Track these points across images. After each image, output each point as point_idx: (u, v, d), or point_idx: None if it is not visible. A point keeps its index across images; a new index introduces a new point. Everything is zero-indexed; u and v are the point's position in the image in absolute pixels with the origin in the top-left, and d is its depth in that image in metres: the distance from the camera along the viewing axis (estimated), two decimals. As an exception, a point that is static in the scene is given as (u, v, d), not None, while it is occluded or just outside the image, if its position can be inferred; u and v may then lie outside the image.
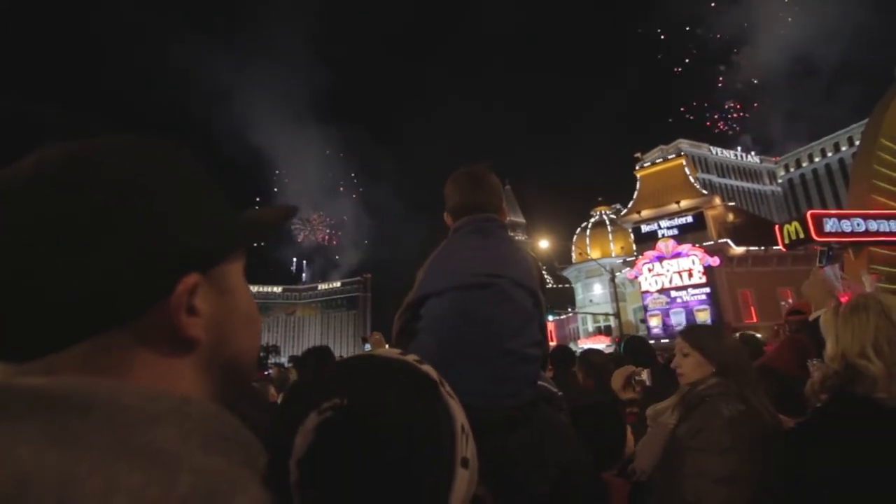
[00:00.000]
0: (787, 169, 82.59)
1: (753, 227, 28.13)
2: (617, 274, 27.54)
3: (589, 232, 38.44)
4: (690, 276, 26.31)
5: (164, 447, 0.34)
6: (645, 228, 29.63)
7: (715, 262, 25.53)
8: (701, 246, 26.31)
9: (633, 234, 30.88)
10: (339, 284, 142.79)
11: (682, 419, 1.69)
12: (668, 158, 31.87)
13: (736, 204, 37.81)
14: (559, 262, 40.28)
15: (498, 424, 1.18)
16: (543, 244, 27.99)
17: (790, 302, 21.15)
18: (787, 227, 13.12)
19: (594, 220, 39.17)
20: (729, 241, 26.41)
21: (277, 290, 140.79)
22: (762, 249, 25.99)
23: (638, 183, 31.44)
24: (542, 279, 1.46)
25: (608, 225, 37.78)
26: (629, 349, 3.56)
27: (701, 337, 1.83)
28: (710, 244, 26.36)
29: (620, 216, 33.52)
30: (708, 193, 29.78)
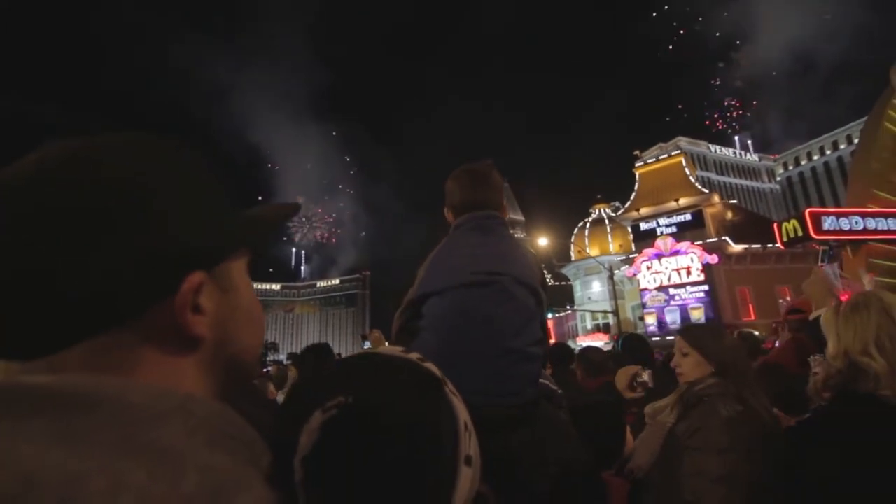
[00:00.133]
0: (785, 167, 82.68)
1: (752, 224, 28.15)
2: (616, 271, 27.56)
3: (588, 229, 38.48)
4: (689, 273, 26.35)
5: (169, 445, 0.34)
6: (644, 226, 29.66)
7: (713, 259, 25.57)
8: (699, 244, 26.34)
9: (631, 231, 30.90)
10: (337, 282, 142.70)
11: (680, 418, 1.70)
12: (667, 156, 31.88)
13: (735, 202, 37.82)
14: (558, 259, 40.36)
15: (499, 423, 1.17)
16: (542, 242, 28.02)
17: (788, 300, 21.23)
18: (785, 225, 13.13)
19: (593, 217, 39.22)
20: (727, 238, 26.44)
21: (276, 287, 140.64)
22: (760, 247, 26.03)
23: (637, 181, 31.45)
24: (543, 277, 1.46)
25: (607, 222, 37.83)
26: (627, 347, 3.57)
27: (700, 336, 1.82)
28: (708, 242, 26.40)
29: (619, 214, 33.58)
30: (707, 191, 29.78)
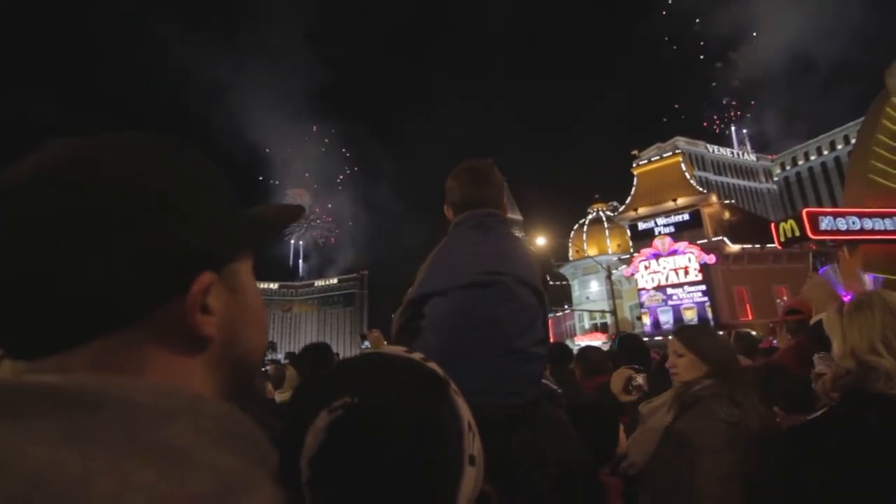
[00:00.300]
0: (783, 167, 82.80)
1: (749, 224, 28.25)
2: (613, 271, 27.63)
3: (586, 229, 38.53)
4: (686, 273, 26.42)
5: (176, 445, 0.34)
6: (642, 226, 29.70)
7: (711, 259, 25.64)
8: (697, 243, 26.40)
9: (629, 231, 30.93)
10: (335, 281, 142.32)
11: (677, 418, 1.71)
12: (665, 156, 31.93)
13: (732, 202, 37.93)
14: (556, 259, 40.35)
15: (499, 423, 1.17)
16: (540, 241, 28.03)
17: (785, 299, 21.26)
18: (782, 225, 13.18)
19: (591, 217, 39.27)
20: (725, 238, 26.51)
21: (274, 286, 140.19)
22: (758, 247, 26.11)
23: (635, 180, 31.49)
24: (544, 275, 1.46)
25: (605, 222, 37.88)
26: (623, 347, 3.58)
27: (695, 337, 1.84)
28: (706, 242, 26.46)
29: (617, 213, 33.61)
30: (704, 191, 29.88)
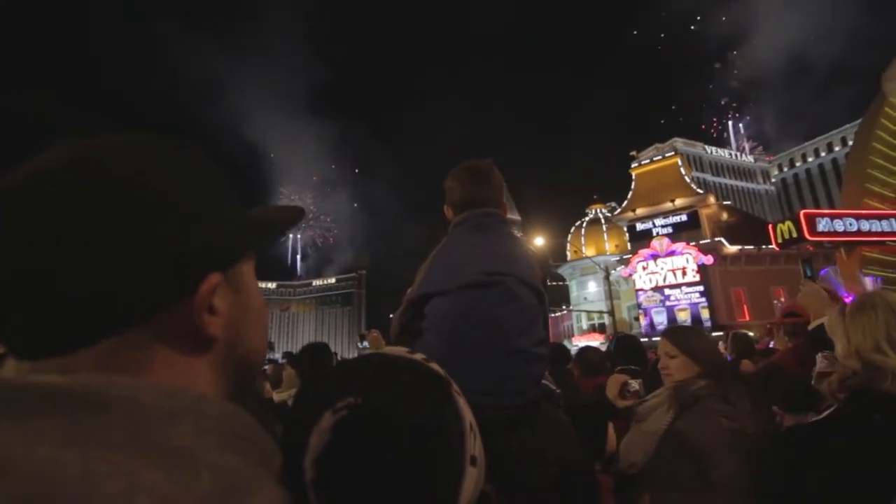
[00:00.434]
0: (780, 168, 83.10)
1: (747, 226, 28.33)
2: (611, 272, 27.67)
3: (584, 229, 38.55)
4: (684, 274, 26.48)
5: (181, 445, 0.34)
6: (640, 226, 29.74)
7: (709, 260, 25.69)
8: (695, 244, 26.46)
9: (627, 232, 30.98)
10: (333, 281, 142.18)
11: (676, 418, 1.71)
12: (663, 157, 31.99)
13: (730, 203, 37.99)
14: (554, 259, 40.32)
15: (499, 423, 1.17)
16: (539, 241, 28.02)
17: (782, 301, 21.32)
18: (780, 226, 13.24)
19: (589, 217, 39.29)
20: (723, 239, 26.57)
21: (272, 285, 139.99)
22: (755, 248, 26.18)
23: (633, 181, 31.54)
24: (544, 275, 1.46)
25: (603, 223, 37.91)
26: (620, 347, 3.58)
27: (686, 339, 1.85)
28: (703, 243, 26.51)
29: (615, 214, 33.64)
30: (702, 192, 29.94)
